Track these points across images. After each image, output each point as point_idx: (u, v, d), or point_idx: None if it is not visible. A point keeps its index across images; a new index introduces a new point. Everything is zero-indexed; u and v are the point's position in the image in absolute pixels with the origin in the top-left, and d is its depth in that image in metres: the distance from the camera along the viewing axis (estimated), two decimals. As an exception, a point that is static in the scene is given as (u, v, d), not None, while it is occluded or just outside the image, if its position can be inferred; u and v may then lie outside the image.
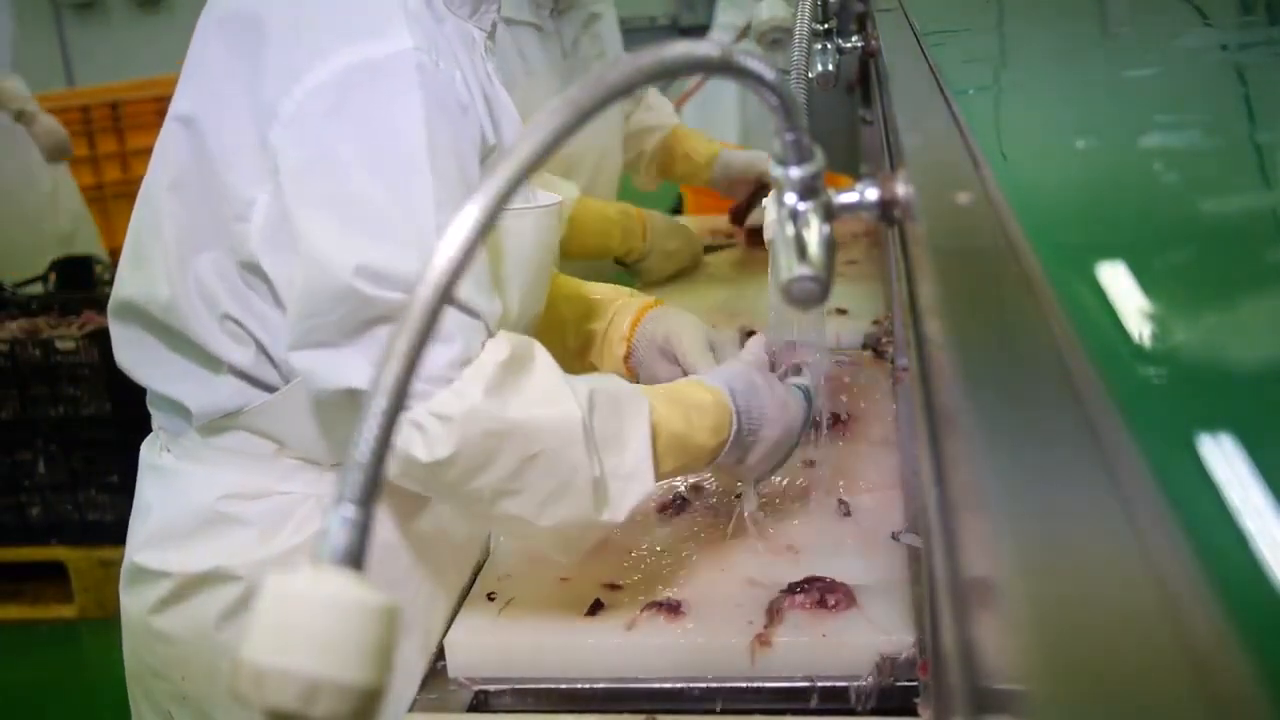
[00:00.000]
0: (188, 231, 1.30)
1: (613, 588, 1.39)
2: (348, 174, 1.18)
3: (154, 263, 1.33)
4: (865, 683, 1.25)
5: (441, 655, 1.35)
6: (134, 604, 1.42)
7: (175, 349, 1.36)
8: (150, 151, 1.38)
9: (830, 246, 0.82)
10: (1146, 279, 0.48)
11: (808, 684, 1.27)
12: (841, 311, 2.20)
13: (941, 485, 0.63)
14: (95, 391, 3.34)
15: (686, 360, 1.56)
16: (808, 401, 1.43)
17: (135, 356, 1.40)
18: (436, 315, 0.58)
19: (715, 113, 4.89)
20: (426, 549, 1.44)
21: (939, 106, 0.86)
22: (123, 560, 1.44)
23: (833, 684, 1.26)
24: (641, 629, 1.32)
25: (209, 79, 1.29)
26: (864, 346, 2.06)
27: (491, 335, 1.22)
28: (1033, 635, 0.40)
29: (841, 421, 1.74)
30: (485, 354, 1.19)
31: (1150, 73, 0.99)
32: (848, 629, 1.29)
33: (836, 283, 0.82)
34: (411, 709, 1.30)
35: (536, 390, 1.21)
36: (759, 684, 1.28)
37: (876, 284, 2.32)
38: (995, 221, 0.58)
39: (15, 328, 3.44)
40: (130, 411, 3.42)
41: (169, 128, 1.32)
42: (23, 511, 3.45)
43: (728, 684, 1.28)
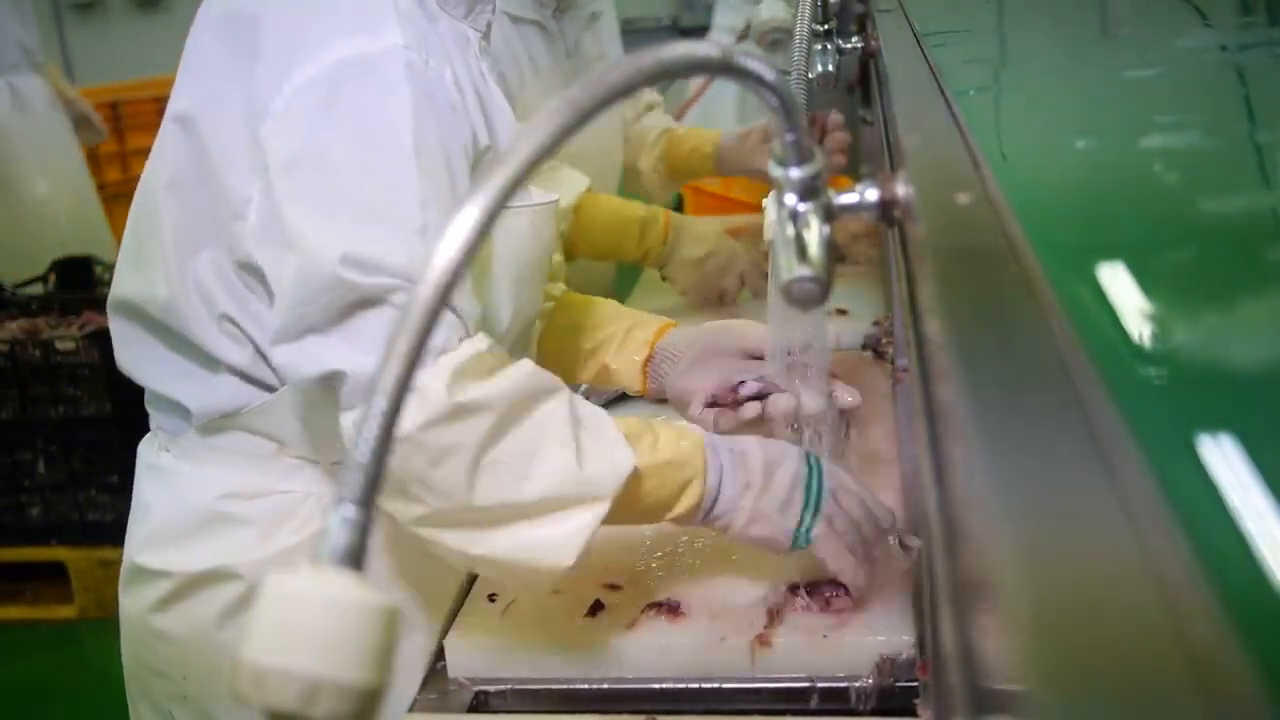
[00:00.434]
0: (186, 231, 1.31)
1: (612, 588, 1.39)
2: (335, 167, 1.18)
3: (152, 262, 1.34)
4: (865, 683, 1.25)
5: (441, 655, 1.35)
6: (133, 604, 1.43)
7: (174, 348, 1.37)
8: (150, 151, 1.38)
9: (832, 247, 0.82)
10: (1146, 279, 0.48)
11: (808, 684, 1.27)
12: (841, 312, 2.20)
13: (941, 485, 0.63)
14: (95, 392, 3.34)
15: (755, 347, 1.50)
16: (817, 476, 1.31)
17: (134, 355, 1.41)
18: (437, 315, 0.58)
19: (715, 114, 4.89)
20: (425, 548, 1.44)
21: (939, 107, 0.86)
22: (121, 561, 1.44)
23: (833, 684, 1.27)
24: (641, 629, 1.32)
25: (206, 78, 1.29)
26: (864, 347, 2.05)
27: (469, 336, 1.21)
28: (1032, 635, 0.40)
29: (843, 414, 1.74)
30: (462, 347, 1.19)
31: (1150, 73, 0.99)
32: (848, 629, 1.29)
33: (836, 283, 0.82)
34: (411, 709, 1.30)
35: (518, 371, 1.20)
36: (759, 684, 1.28)
37: (877, 284, 2.32)
38: (995, 222, 0.58)
39: (15, 328, 3.44)
40: (130, 412, 3.40)
41: (167, 128, 1.32)
42: (23, 512, 3.45)
43: (728, 684, 1.28)
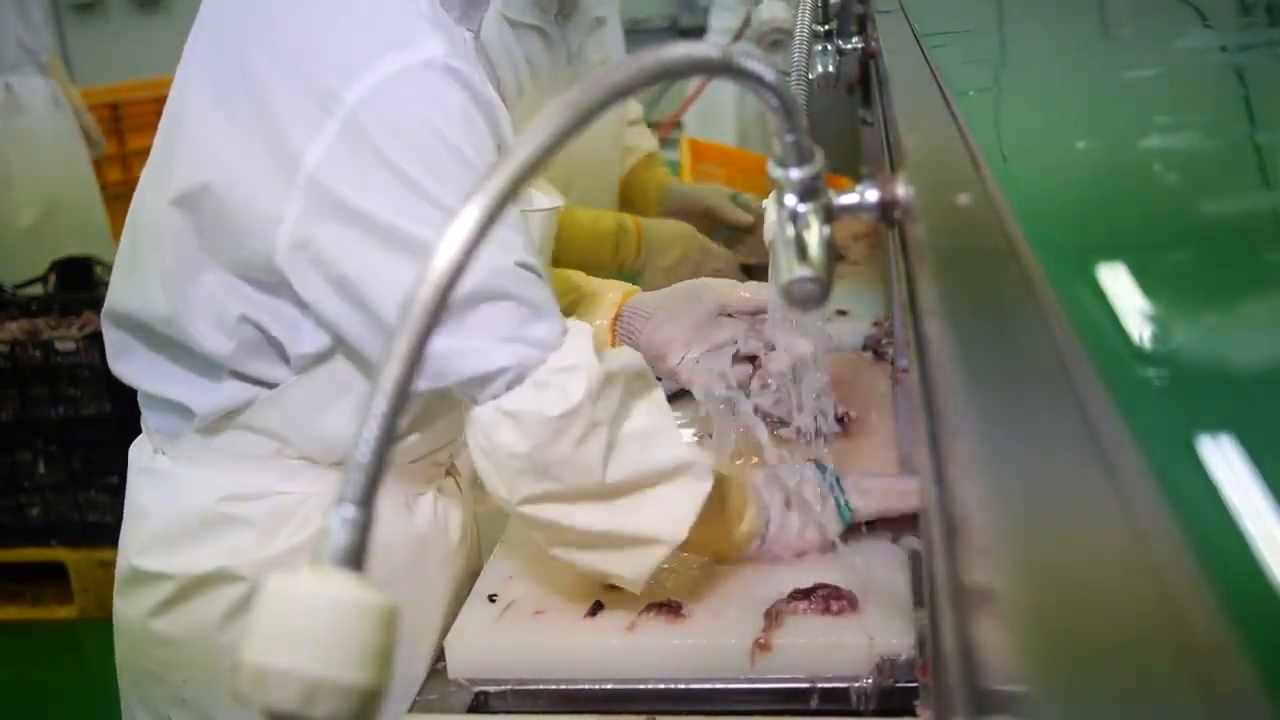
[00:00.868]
0: (192, 246, 1.29)
1: (613, 589, 1.39)
2: (404, 177, 1.18)
3: (150, 275, 1.32)
4: (866, 684, 1.25)
5: (442, 656, 1.35)
6: (131, 608, 1.42)
7: (174, 356, 1.36)
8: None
9: (832, 247, 0.82)
10: (1146, 279, 0.48)
11: (808, 685, 1.27)
12: (841, 313, 2.19)
13: (941, 485, 0.63)
14: (95, 392, 3.34)
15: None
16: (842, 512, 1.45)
17: (131, 362, 1.40)
18: (438, 316, 0.58)
19: (714, 114, 4.89)
20: (425, 549, 1.44)
21: (939, 108, 0.86)
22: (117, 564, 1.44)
23: (833, 685, 1.27)
24: (642, 630, 1.32)
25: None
26: (864, 348, 2.05)
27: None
28: (1032, 635, 0.40)
29: (842, 420, 1.74)
30: (571, 322, 1.26)
31: (1150, 74, 0.99)
32: (848, 630, 1.29)
33: (836, 284, 0.82)
34: (411, 709, 1.30)
35: (625, 352, 1.30)
36: (759, 685, 1.28)
37: (877, 285, 2.32)
38: (995, 222, 0.58)
39: (15, 329, 3.44)
40: (130, 412, 3.37)
41: (188, 150, 1.28)
42: (23, 512, 3.45)
43: (728, 685, 1.28)
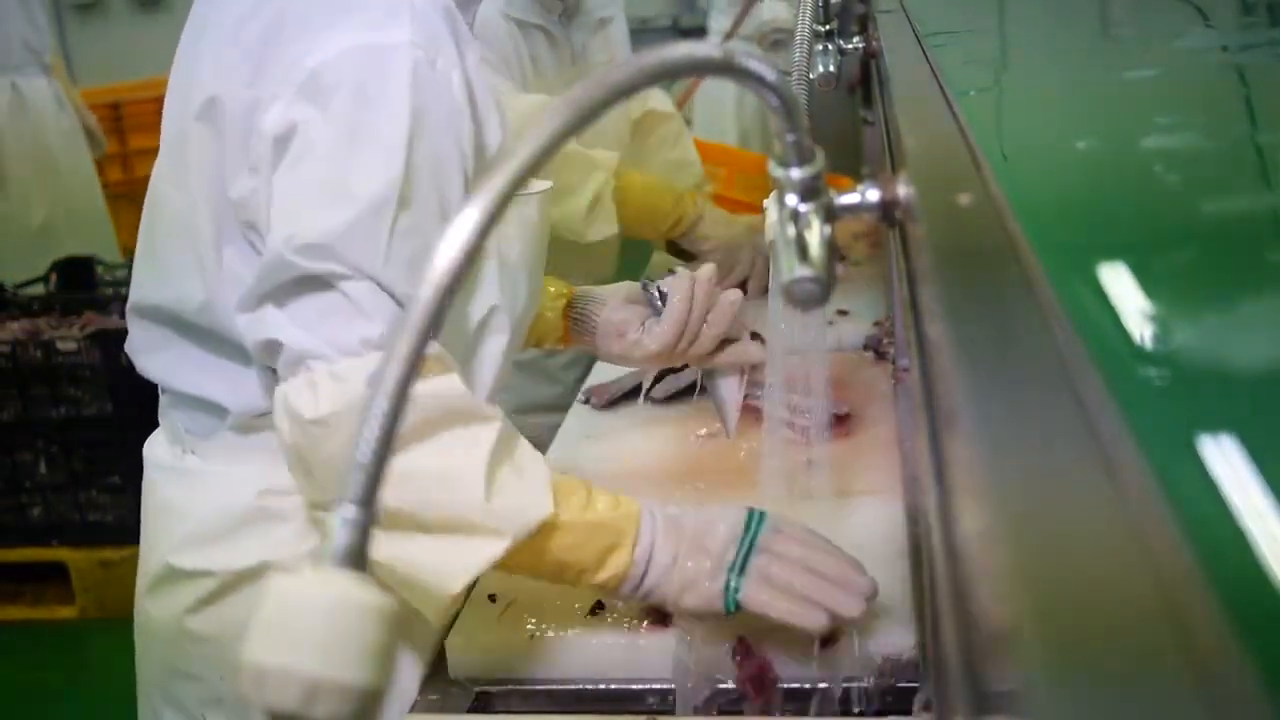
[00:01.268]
0: (218, 229, 1.30)
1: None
2: (322, 149, 1.19)
3: (182, 264, 1.33)
4: (866, 684, 1.25)
5: (442, 656, 1.35)
6: (164, 607, 1.40)
7: (208, 348, 1.36)
8: (154, 151, 1.37)
9: (833, 247, 0.82)
10: (1147, 279, 0.48)
11: (808, 685, 1.27)
12: (842, 313, 2.19)
13: (942, 485, 0.63)
14: (96, 392, 3.34)
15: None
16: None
17: (162, 359, 1.40)
18: (439, 315, 0.58)
19: (714, 114, 4.89)
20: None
21: (940, 107, 0.86)
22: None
23: (833, 685, 1.26)
24: (642, 630, 1.32)
25: (225, 84, 1.27)
26: (865, 347, 2.05)
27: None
28: (1033, 635, 0.40)
29: (842, 420, 1.74)
30: (432, 351, 1.18)
31: (1151, 74, 0.99)
32: (847, 629, 1.28)
33: (839, 285, 0.82)
34: (412, 709, 1.30)
35: (447, 386, 1.17)
36: (760, 685, 1.28)
37: (878, 285, 2.32)
38: (996, 222, 0.58)
39: (16, 328, 3.44)
40: (131, 412, 3.44)
41: (190, 127, 1.30)
42: (24, 512, 3.45)
43: (728, 685, 1.28)
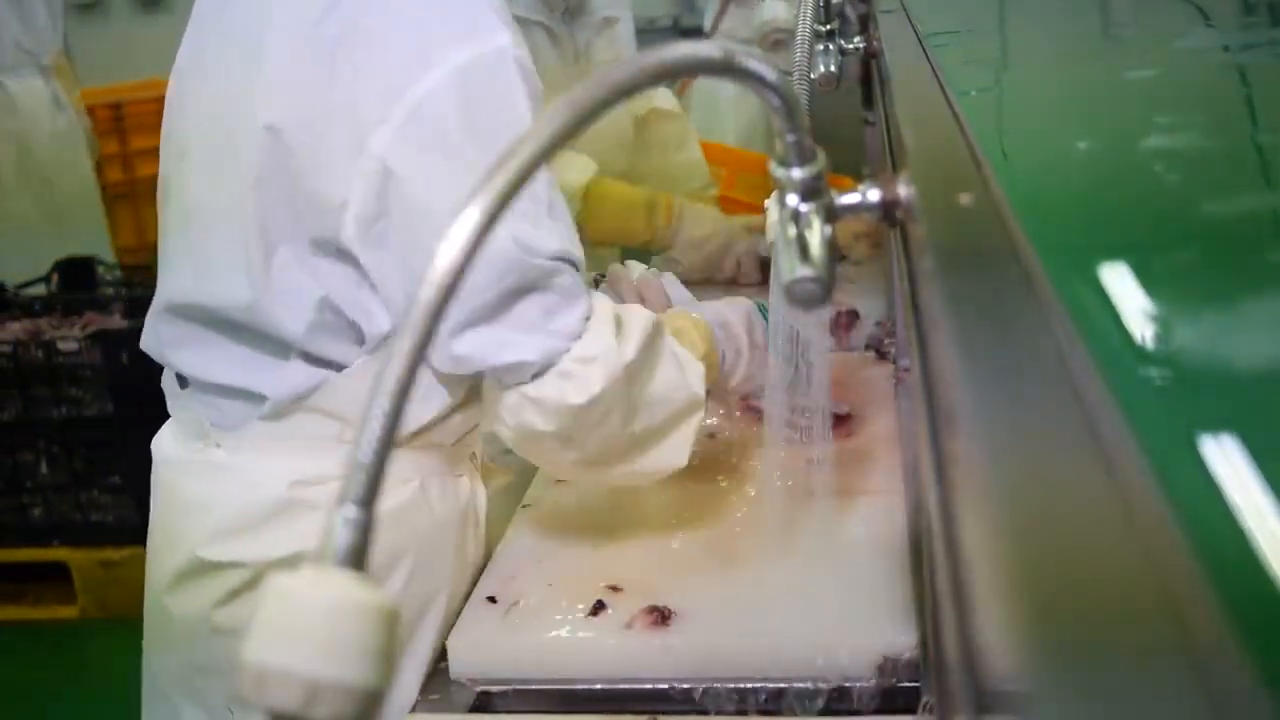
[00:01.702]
0: (268, 228, 1.31)
1: (614, 589, 1.39)
2: (476, 165, 1.20)
3: (228, 264, 1.33)
4: (868, 683, 1.25)
5: (443, 656, 1.35)
6: (189, 603, 1.40)
7: (245, 342, 1.36)
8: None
9: (833, 247, 0.82)
10: (1148, 279, 0.48)
11: (809, 685, 1.27)
12: (853, 314, 2.19)
13: (943, 484, 0.63)
14: (97, 392, 3.34)
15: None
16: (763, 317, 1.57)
17: (196, 353, 1.40)
18: (440, 315, 0.58)
19: (714, 114, 4.88)
20: (464, 527, 1.46)
21: (941, 107, 0.86)
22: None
23: (834, 685, 1.26)
24: (643, 630, 1.32)
25: (297, 89, 1.29)
26: (866, 347, 2.06)
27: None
28: (1033, 635, 0.40)
29: (844, 420, 1.74)
30: (596, 304, 1.31)
31: (1152, 73, 0.99)
32: (850, 630, 1.29)
33: (842, 286, 0.82)
34: (413, 710, 1.30)
35: (636, 326, 1.33)
36: (760, 685, 1.28)
37: (879, 285, 2.32)
38: (997, 222, 0.58)
39: (18, 329, 3.44)
40: (132, 412, 3.44)
41: (258, 136, 1.30)
42: (25, 512, 3.45)
43: (729, 685, 1.28)
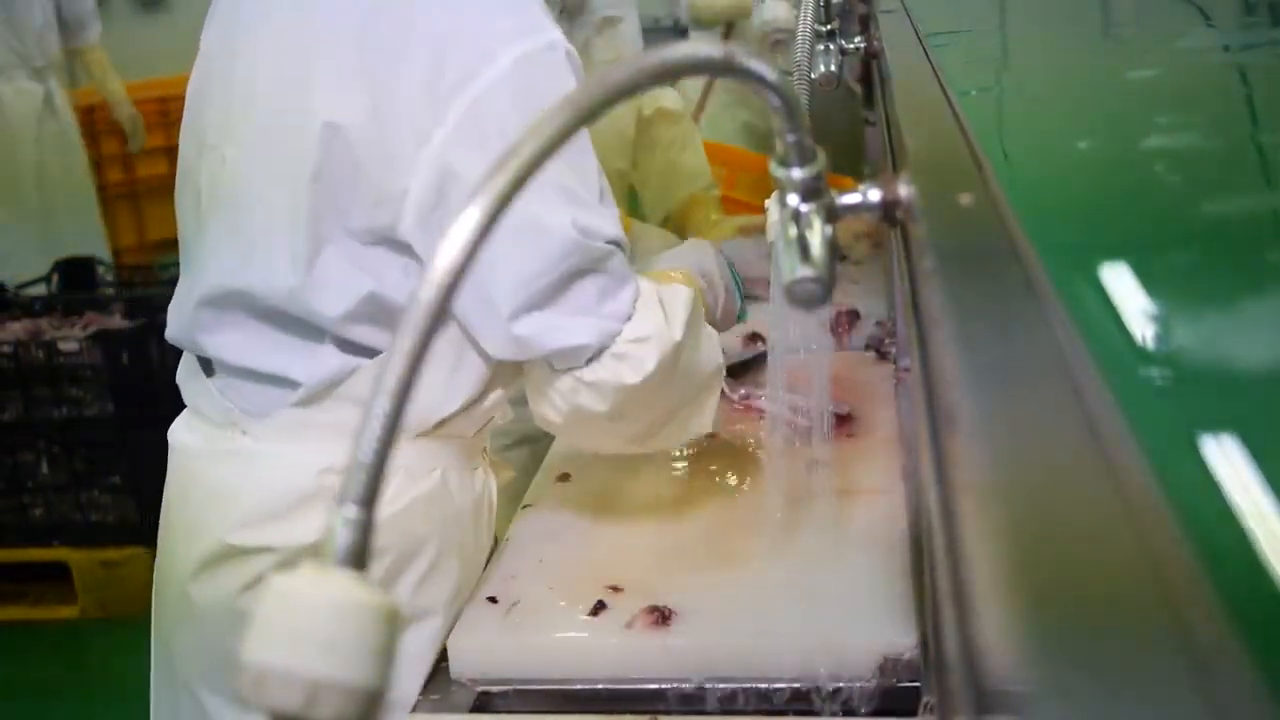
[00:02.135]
0: (320, 219, 1.32)
1: (614, 589, 1.39)
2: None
3: (275, 252, 1.34)
4: (868, 684, 1.25)
5: (444, 656, 1.35)
6: (216, 589, 1.40)
7: (282, 327, 1.37)
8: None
9: (834, 247, 0.82)
10: (1148, 279, 0.48)
11: (810, 685, 1.27)
12: (854, 314, 2.19)
13: (943, 484, 0.63)
14: (98, 393, 3.34)
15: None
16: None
17: (231, 337, 1.40)
18: (441, 315, 0.58)
19: (714, 114, 4.88)
20: (478, 517, 1.47)
21: (941, 107, 0.86)
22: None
23: (835, 685, 1.26)
24: (643, 630, 1.32)
25: (355, 87, 1.30)
26: (866, 347, 2.06)
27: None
28: (1034, 635, 0.40)
29: (844, 420, 1.74)
30: (642, 285, 1.36)
31: (1152, 73, 0.99)
32: (850, 630, 1.29)
33: (843, 286, 0.82)
34: (414, 709, 1.30)
35: (680, 304, 1.38)
36: (760, 685, 1.28)
37: (880, 284, 2.32)
38: (997, 222, 0.58)
39: (18, 329, 3.44)
40: (132, 412, 3.45)
41: (317, 133, 1.31)
42: (25, 512, 3.45)
43: (729, 685, 1.28)
